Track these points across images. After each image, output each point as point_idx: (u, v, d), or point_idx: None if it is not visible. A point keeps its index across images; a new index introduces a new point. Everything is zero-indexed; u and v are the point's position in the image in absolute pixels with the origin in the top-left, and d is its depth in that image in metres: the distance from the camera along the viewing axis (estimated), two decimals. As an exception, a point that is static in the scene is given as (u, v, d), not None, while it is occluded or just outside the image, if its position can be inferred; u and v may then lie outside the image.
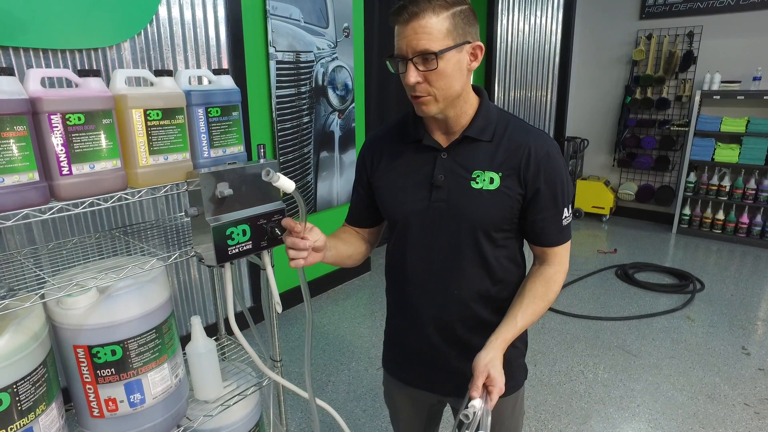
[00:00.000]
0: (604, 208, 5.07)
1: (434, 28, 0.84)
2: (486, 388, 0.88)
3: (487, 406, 0.86)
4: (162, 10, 2.24)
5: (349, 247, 1.09)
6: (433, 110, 0.92)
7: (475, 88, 1.00)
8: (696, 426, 2.10)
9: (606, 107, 5.13)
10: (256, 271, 2.94)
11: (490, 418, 0.85)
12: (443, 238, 0.99)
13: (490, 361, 0.89)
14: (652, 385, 2.39)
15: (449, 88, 0.90)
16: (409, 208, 1.01)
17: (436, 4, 0.84)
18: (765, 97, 4.07)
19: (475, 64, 0.92)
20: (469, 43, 0.89)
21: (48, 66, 1.91)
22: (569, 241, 1.04)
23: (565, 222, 1.01)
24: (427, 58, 0.86)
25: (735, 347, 2.70)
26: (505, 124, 0.98)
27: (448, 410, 1.28)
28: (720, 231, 4.49)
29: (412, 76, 0.87)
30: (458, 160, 0.97)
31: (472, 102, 0.97)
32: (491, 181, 0.95)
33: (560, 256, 1.02)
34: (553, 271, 1.01)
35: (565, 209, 1.00)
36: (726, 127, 4.28)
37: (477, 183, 0.95)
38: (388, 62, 0.93)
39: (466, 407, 0.85)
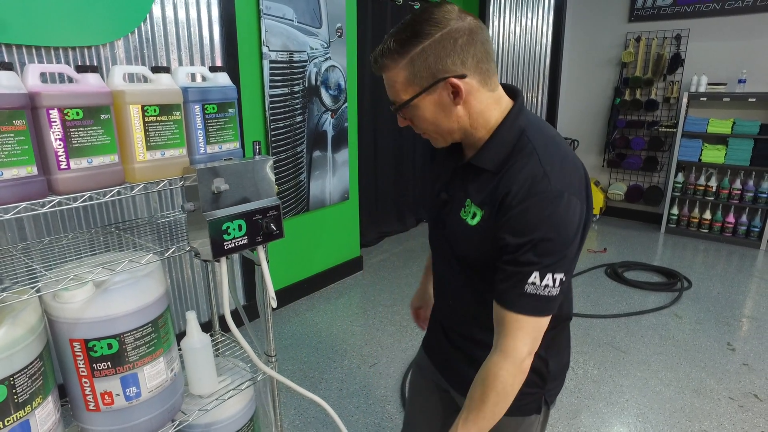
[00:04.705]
0: (594, 208, 5.12)
1: (396, 81, 0.83)
2: None
3: None
4: (156, 9, 2.24)
5: None
6: (441, 144, 0.91)
7: (509, 112, 0.87)
8: (683, 420, 2.14)
9: (596, 108, 5.20)
10: (249, 270, 2.95)
11: None
12: (444, 251, 1.02)
13: None
14: (640, 380, 2.43)
15: (438, 127, 0.86)
16: (430, 212, 1.05)
17: (391, 55, 0.81)
18: (750, 100, 4.15)
19: (460, 101, 0.81)
20: (443, 80, 0.79)
21: (42, 62, 1.90)
22: (530, 319, 0.78)
23: (529, 289, 0.77)
24: (400, 107, 0.86)
25: (720, 343, 2.76)
26: (519, 151, 0.83)
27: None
28: (707, 230, 4.57)
29: (400, 121, 0.91)
30: (465, 180, 0.92)
31: (487, 126, 0.86)
32: (473, 215, 0.87)
33: (508, 332, 0.79)
34: (495, 361, 0.81)
35: (535, 274, 0.76)
36: (712, 128, 4.35)
37: (464, 213, 0.90)
38: None
39: None
